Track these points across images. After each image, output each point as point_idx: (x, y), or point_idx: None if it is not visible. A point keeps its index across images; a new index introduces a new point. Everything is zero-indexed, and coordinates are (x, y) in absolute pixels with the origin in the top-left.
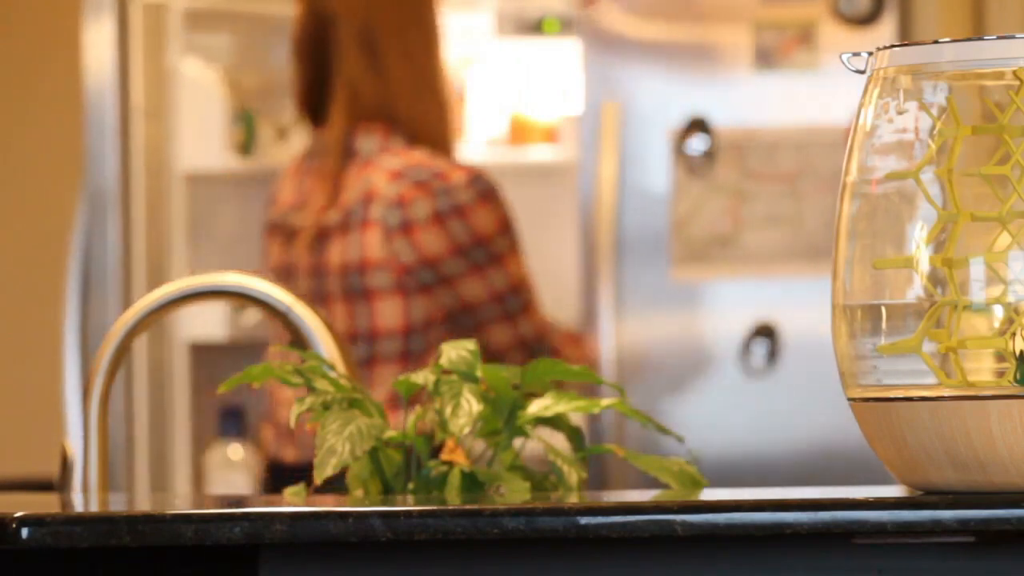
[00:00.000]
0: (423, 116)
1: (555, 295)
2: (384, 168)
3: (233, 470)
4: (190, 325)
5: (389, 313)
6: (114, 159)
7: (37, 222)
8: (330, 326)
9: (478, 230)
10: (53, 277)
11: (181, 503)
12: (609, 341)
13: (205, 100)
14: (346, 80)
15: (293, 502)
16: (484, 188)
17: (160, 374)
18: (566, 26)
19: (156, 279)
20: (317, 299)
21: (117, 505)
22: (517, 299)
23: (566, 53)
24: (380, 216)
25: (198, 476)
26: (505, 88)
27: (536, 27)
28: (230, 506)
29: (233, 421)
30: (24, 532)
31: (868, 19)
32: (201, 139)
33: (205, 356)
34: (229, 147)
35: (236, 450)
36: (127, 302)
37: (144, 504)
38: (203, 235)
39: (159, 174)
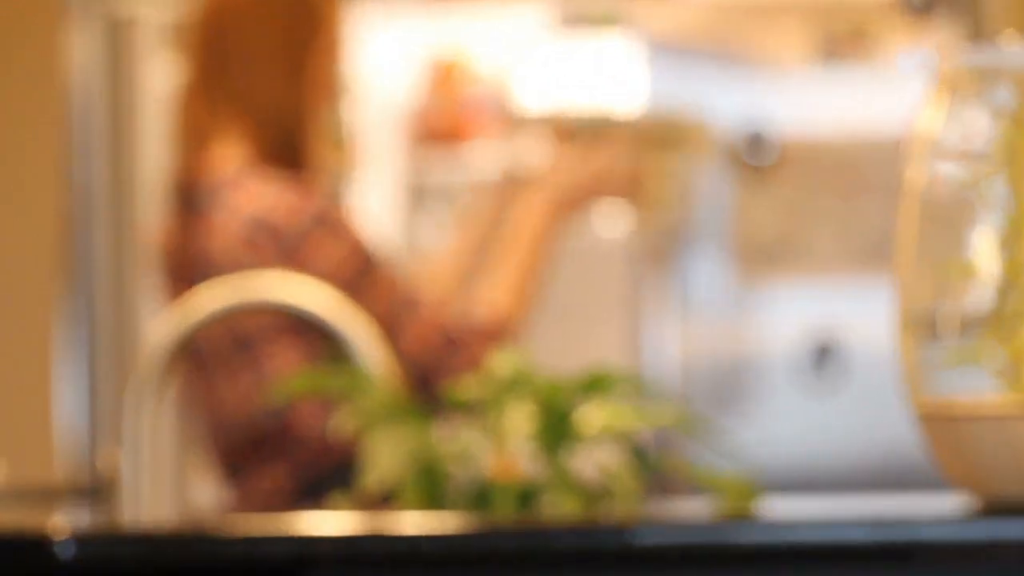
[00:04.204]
0: None
1: (608, 303)
2: None
3: None
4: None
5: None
6: (99, 168)
7: (21, 225)
8: (379, 338)
9: None
10: (39, 281)
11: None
12: (672, 350)
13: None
14: None
15: (341, 519)
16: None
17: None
18: (623, 25)
19: (121, 290)
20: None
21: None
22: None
23: (623, 53)
24: None
25: None
26: (558, 86)
27: (593, 24)
28: (278, 524)
29: None
30: (69, 550)
31: (929, 17)
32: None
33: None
34: None
35: None
36: (95, 308)
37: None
38: None
39: (131, 183)
